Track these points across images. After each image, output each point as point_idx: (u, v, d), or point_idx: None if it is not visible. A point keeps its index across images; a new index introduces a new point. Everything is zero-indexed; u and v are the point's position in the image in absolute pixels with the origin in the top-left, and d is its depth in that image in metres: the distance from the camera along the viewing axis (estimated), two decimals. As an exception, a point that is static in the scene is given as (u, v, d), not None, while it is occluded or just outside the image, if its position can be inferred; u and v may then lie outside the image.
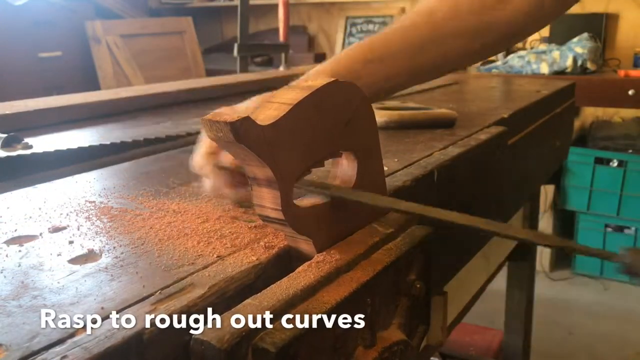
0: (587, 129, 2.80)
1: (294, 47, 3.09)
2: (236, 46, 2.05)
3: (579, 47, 2.47)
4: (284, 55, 2.03)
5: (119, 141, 0.79)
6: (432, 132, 0.84)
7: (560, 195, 2.71)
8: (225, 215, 0.51)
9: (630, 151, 2.58)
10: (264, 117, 0.39)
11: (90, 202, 0.56)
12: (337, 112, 0.44)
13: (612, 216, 2.62)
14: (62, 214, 0.52)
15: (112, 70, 3.00)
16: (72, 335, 0.31)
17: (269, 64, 3.39)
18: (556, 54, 2.49)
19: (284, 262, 0.43)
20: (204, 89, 1.28)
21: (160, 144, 0.82)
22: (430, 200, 0.61)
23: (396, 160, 0.68)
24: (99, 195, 0.58)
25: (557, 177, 2.68)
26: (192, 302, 0.35)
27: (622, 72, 2.43)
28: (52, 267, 0.41)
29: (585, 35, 2.53)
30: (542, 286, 2.48)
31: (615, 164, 2.60)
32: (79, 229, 0.48)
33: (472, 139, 0.79)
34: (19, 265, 0.41)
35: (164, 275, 0.39)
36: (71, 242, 0.45)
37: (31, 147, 0.77)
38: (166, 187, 0.60)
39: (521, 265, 1.55)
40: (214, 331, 0.33)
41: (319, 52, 3.62)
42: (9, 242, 0.46)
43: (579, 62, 2.44)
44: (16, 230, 0.49)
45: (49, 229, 0.49)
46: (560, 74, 2.46)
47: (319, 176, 0.55)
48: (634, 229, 2.59)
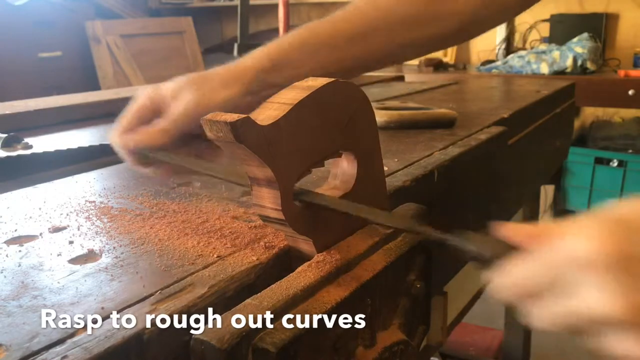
0: (587, 129, 2.79)
1: (294, 47, 3.08)
2: (236, 46, 2.05)
3: (579, 47, 2.47)
4: (284, 55, 2.02)
5: (119, 141, 0.79)
6: (432, 132, 0.84)
7: (560, 195, 2.71)
8: (225, 215, 0.51)
9: (630, 151, 2.58)
10: (264, 117, 0.39)
11: (90, 202, 0.56)
12: (337, 112, 0.44)
13: (612, 216, 2.61)
14: (62, 214, 0.52)
15: (112, 70, 3.00)
16: (72, 335, 0.31)
17: (269, 64, 3.38)
18: (556, 54, 2.49)
19: (284, 262, 0.43)
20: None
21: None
22: (430, 200, 0.61)
23: (396, 160, 0.68)
24: (99, 195, 0.58)
25: (557, 177, 2.68)
26: (192, 302, 0.35)
27: (622, 72, 2.43)
28: (52, 267, 0.41)
29: (585, 35, 2.53)
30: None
31: (615, 164, 2.59)
32: (79, 229, 0.48)
33: (472, 139, 0.79)
34: (19, 265, 0.41)
35: (164, 275, 0.39)
36: (71, 242, 0.45)
37: (31, 147, 0.78)
38: (166, 187, 0.60)
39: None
40: (214, 331, 0.33)
41: (319, 52, 3.61)
42: (9, 242, 0.46)
43: (579, 62, 2.44)
44: (16, 230, 0.49)
45: (49, 229, 0.49)
46: (560, 74, 2.46)
47: (319, 176, 0.55)
48: (633, 229, 2.59)
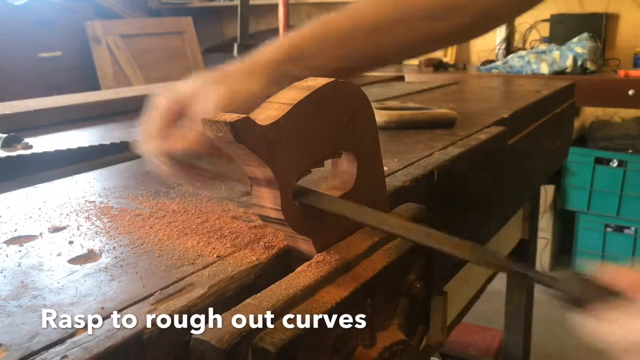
0: (587, 129, 2.79)
1: (294, 47, 3.08)
2: (236, 46, 2.05)
3: (579, 47, 2.47)
4: (284, 55, 2.02)
5: (119, 141, 0.79)
6: (432, 132, 0.84)
7: (560, 195, 2.71)
8: (225, 215, 0.51)
9: (630, 151, 2.57)
10: (264, 117, 0.39)
11: (90, 202, 0.56)
12: (337, 112, 0.44)
13: (612, 216, 2.62)
14: (62, 214, 0.52)
15: (112, 70, 3.00)
16: (72, 335, 0.31)
17: (269, 64, 3.38)
18: (556, 54, 2.49)
19: (284, 262, 0.43)
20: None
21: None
22: (430, 200, 0.61)
23: (396, 160, 0.68)
24: (99, 195, 0.58)
25: (557, 177, 2.68)
26: (192, 302, 0.35)
27: (622, 72, 2.43)
28: (52, 267, 0.41)
29: (585, 35, 2.53)
30: (542, 286, 2.47)
31: (615, 164, 2.59)
32: (79, 229, 0.48)
33: (472, 139, 0.79)
34: (19, 265, 0.41)
35: (164, 275, 0.39)
36: (71, 242, 0.45)
37: (31, 147, 0.78)
38: (166, 187, 0.60)
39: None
40: (214, 331, 0.33)
41: (319, 52, 3.61)
42: (9, 242, 0.46)
43: (579, 62, 2.44)
44: (16, 230, 0.49)
45: (49, 229, 0.49)
46: (560, 74, 2.46)
47: (319, 176, 0.55)
48: (634, 229, 2.59)
